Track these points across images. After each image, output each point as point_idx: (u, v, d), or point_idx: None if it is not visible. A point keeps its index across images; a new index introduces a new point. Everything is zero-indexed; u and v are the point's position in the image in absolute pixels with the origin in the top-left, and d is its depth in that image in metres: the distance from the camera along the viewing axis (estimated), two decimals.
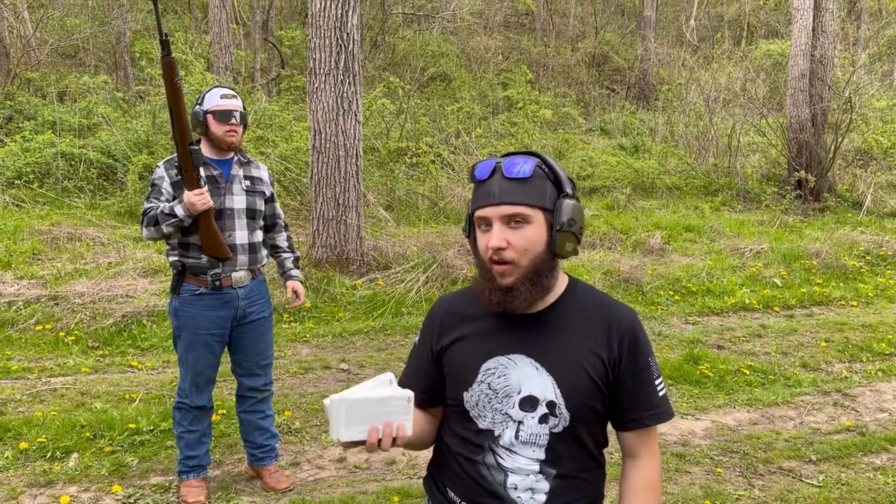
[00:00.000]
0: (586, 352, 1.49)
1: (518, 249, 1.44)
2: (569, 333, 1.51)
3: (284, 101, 11.42)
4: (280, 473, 3.54)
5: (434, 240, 7.22)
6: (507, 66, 16.32)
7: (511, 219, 1.44)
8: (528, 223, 1.44)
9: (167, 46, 2.76)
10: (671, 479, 3.69)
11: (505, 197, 1.44)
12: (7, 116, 9.97)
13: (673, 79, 15.43)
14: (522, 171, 1.45)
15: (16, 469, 3.54)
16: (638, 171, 11.12)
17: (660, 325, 6.11)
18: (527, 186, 1.44)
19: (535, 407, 1.48)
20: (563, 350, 1.49)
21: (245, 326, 3.30)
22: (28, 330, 5.26)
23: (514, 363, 1.50)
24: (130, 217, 7.80)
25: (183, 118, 2.89)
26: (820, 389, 4.90)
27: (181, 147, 2.92)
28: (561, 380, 1.47)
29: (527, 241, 1.44)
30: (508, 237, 1.44)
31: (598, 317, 1.53)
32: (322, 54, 6.42)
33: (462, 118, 11.67)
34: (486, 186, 1.47)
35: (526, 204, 1.44)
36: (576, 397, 1.47)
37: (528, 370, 1.49)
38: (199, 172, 3.01)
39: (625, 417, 1.54)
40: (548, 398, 1.47)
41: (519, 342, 1.51)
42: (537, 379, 1.48)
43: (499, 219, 1.44)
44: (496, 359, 1.51)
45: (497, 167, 1.47)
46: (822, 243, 8.15)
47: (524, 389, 1.48)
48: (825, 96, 10.65)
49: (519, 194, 1.44)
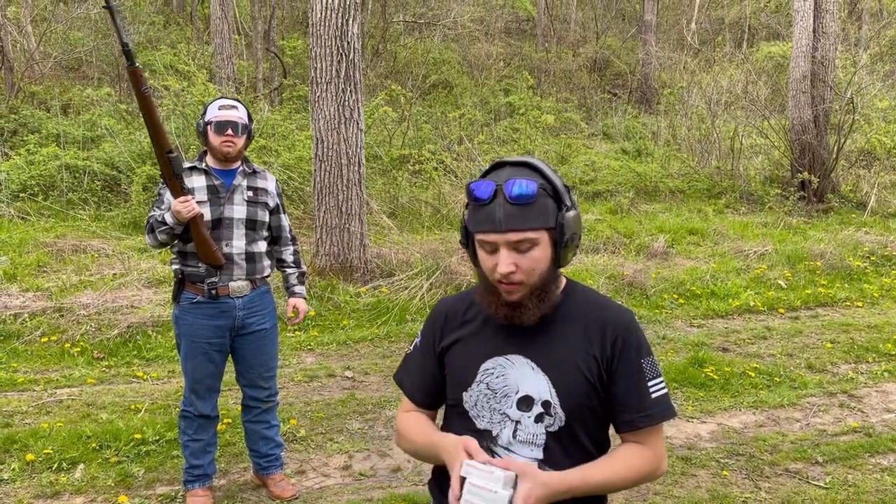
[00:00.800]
0: (581, 352, 1.50)
1: (526, 271, 1.45)
2: (566, 334, 1.52)
3: (287, 110, 11.47)
4: (285, 482, 3.54)
5: (437, 247, 7.23)
6: (509, 72, 16.37)
7: (519, 244, 1.44)
8: (536, 245, 1.45)
9: (130, 56, 2.75)
10: (677, 482, 3.68)
11: (511, 224, 1.42)
12: (11, 130, 10.03)
13: (675, 82, 15.45)
14: (527, 193, 1.42)
15: (22, 480, 3.55)
16: (641, 174, 11.12)
17: (664, 328, 6.10)
18: (532, 210, 1.43)
19: (530, 406, 1.49)
20: (559, 351, 1.51)
21: (245, 337, 3.30)
22: (34, 342, 5.28)
23: (511, 364, 1.52)
24: (135, 228, 7.84)
25: (158, 127, 2.89)
26: (826, 391, 4.89)
27: (160, 156, 2.93)
28: (556, 380, 1.49)
29: (534, 262, 1.45)
30: (516, 261, 1.44)
31: (595, 317, 1.54)
32: (323, 63, 6.45)
33: (464, 125, 11.70)
34: (488, 211, 1.44)
35: (533, 228, 1.44)
36: (571, 397, 1.49)
37: (524, 370, 1.51)
38: (182, 180, 3.01)
39: (616, 419, 1.55)
40: (543, 398, 1.49)
41: (517, 343, 1.53)
42: (533, 379, 1.50)
43: (505, 244, 1.44)
44: (495, 359, 1.53)
45: (498, 189, 1.44)
46: (827, 244, 8.14)
47: (521, 389, 1.50)
48: (827, 97, 10.64)
49: (525, 220, 1.43)
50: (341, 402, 4.59)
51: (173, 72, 10.78)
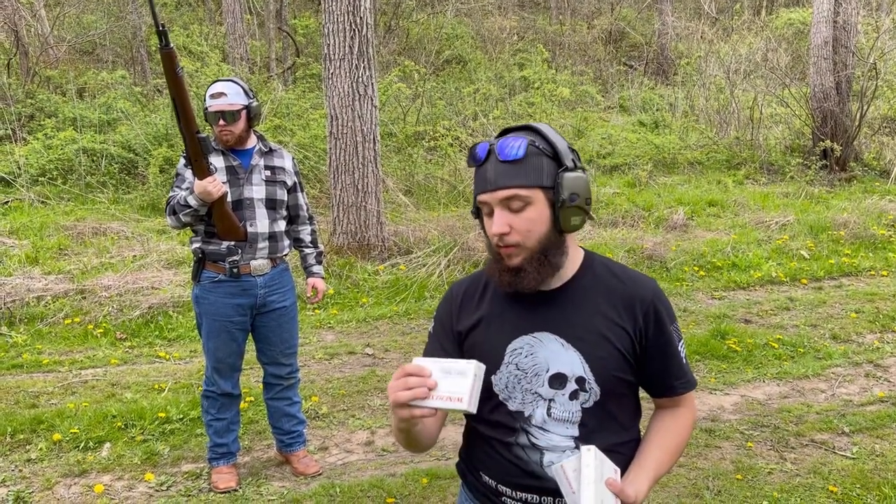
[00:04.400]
0: (610, 324, 1.48)
1: (521, 232, 1.42)
2: (590, 307, 1.49)
3: (300, 89, 11.42)
4: (309, 458, 3.56)
5: (454, 223, 7.20)
6: (523, 45, 16.18)
7: (510, 202, 1.41)
8: (529, 204, 1.41)
9: (165, 37, 2.73)
10: (701, 454, 3.66)
11: (500, 181, 1.41)
12: (29, 115, 10.09)
13: (692, 52, 15.20)
14: (515, 152, 1.41)
15: (50, 460, 3.60)
16: (658, 147, 10.99)
17: (685, 301, 6.05)
18: (522, 167, 1.41)
19: (564, 384, 1.46)
20: (586, 324, 1.47)
21: (266, 315, 3.30)
22: (57, 324, 5.34)
23: (539, 341, 1.48)
24: (153, 210, 7.88)
25: (187, 108, 2.86)
26: (851, 361, 4.83)
27: (189, 136, 2.90)
28: (588, 354, 1.46)
29: (529, 222, 1.42)
30: (510, 221, 1.41)
31: (619, 289, 1.51)
32: (336, 39, 6.39)
33: (479, 100, 11.60)
34: (483, 171, 1.44)
35: (522, 186, 1.41)
36: (604, 371, 1.46)
37: (554, 347, 1.47)
38: (208, 161, 3.00)
39: (656, 387, 1.56)
40: (576, 374, 1.45)
41: (542, 320, 1.49)
42: (564, 355, 1.46)
43: (498, 203, 1.42)
44: (521, 338, 1.49)
45: (491, 149, 1.43)
46: (850, 213, 8.00)
47: (552, 367, 1.46)
48: (849, 63, 10.42)
49: (514, 177, 1.40)
50: (362, 378, 4.60)
51: (186, 53, 10.75)
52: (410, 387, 1.27)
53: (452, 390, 1.28)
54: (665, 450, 1.52)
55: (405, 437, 1.46)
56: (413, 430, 1.42)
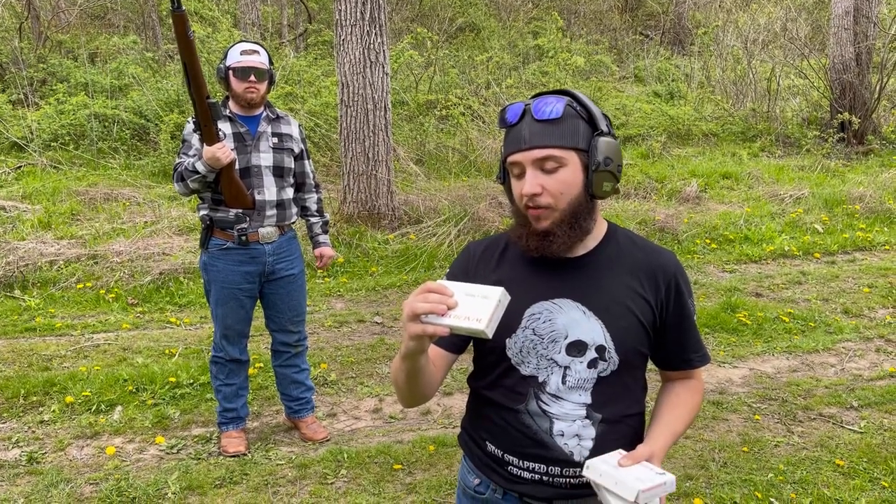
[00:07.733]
0: (634, 295, 1.46)
1: (554, 194, 1.39)
2: (613, 277, 1.47)
3: (312, 56, 11.32)
4: (317, 424, 3.60)
5: (465, 193, 7.17)
6: (538, 13, 15.93)
7: (544, 163, 1.39)
8: (563, 166, 1.39)
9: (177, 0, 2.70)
10: (707, 426, 3.66)
11: (535, 140, 1.38)
12: (41, 79, 10.07)
13: (709, 22, 14.92)
14: (553, 111, 1.38)
15: (63, 422, 3.66)
16: (673, 118, 10.85)
17: (696, 273, 6.02)
18: (558, 127, 1.38)
19: (583, 352, 1.44)
20: (609, 294, 1.46)
21: (275, 283, 3.31)
22: (70, 288, 5.38)
23: (559, 308, 1.45)
24: (164, 176, 7.88)
25: (198, 72, 2.83)
26: (862, 336, 4.80)
27: (199, 101, 2.87)
28: (610, 324, 1.44)
29: (562, 184, 1.39)
30: (542, 182, 1.39)
31: (642, 260, 1.50)
32: (348, 5, 6.32)
33: (492, 69, 11.47)
34: (516, 131, 1.41)
35: (558, 146, 1.38)
36: (625, 341, 1.45)
37: (574, 314, 1.45)
38: (217, 126, 2.98)
39: (671, 360, 1.57)
40: (597, 342, 1.44)
41: (563, 286, 1.47)
42: (585, 324, 1.44)
43: (531, 164, 1.39)
44: (540, 304, 1.46)
45: (526, 109, 1.41)
46: (866, 187, 7.91)
47: (571, 334, 1.44)
48: (870, 34, 10.21)
49: (550, 137, 1.38)
50: (371, 346, 4.62)
51: (198, 18, 10.67)
52: (429, 301, 1.22)
53: (472, 311, 1.22)
54: (678, 417, 1.53)
55: (405, 372, 1.36)
56: (417, 361, 1.33)
